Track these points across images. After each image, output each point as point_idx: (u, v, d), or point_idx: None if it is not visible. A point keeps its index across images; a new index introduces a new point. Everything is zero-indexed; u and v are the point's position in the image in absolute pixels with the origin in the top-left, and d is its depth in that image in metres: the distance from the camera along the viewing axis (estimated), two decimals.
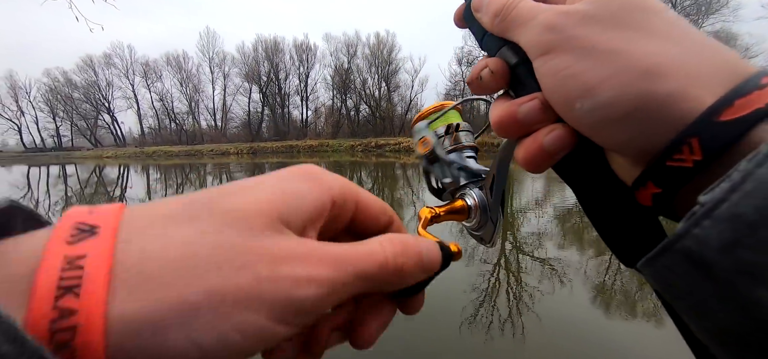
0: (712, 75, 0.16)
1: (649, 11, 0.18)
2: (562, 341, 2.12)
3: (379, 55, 31.31)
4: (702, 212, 0.14)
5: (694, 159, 0.15)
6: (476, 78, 0.22)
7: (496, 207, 0.29)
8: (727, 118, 0.15)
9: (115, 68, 37.17)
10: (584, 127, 0.18)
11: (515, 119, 0.20)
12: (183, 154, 27.89)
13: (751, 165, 0.13)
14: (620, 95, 0.16)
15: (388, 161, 16.00)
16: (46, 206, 7.76)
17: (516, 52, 0.21)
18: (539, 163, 0.20)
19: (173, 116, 38.42)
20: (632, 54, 0.16)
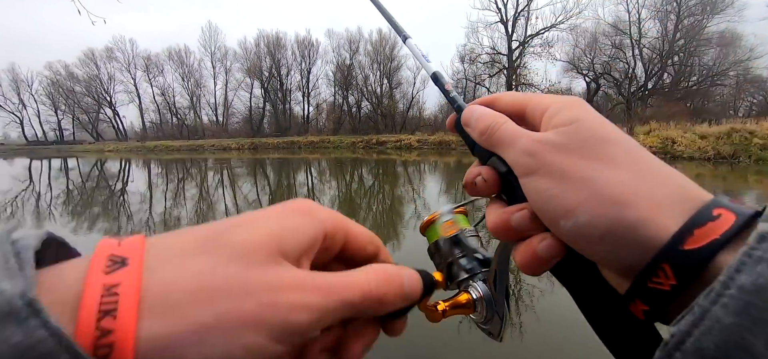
0: (670, 203, 0.18)
1: (610, 142, 0.20)
2: (560, 340, 2.12)
3: (381, 52, 31.18)
4: (672, 344, 0.16)
5: (671, 284, 0.17)
6: (471, 183, 0.25)
7: (501, 302, 0.30)
8: (690, 247, 0.17)
9: (117, 62, 37.15)
10: (570, 242, 0.20)
11: (509, 227, 0.22)
12: (184, 149, 27.91)
13: (706, 302, 0.15)
14: (594, 219, 0.19)
15: (390, 158, 15.98)
16: (48, 199, 7.79)
17: (504, 163, 0.24)
18: (535, 268, 0.22)
19: (175, 110, 38.41)
20: (600, 182, 0.19)
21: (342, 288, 0.18)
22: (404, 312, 0.23)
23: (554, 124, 0.21)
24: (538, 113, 0.23)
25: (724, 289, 0.15)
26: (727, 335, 0.14)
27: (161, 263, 0.16)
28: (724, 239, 0.17)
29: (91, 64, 36.43)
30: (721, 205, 0.18)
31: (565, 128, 0.21)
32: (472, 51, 26.43)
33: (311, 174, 11.85)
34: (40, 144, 40.06)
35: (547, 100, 0.23)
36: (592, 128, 0.21)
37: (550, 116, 0.22)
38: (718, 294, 0.15)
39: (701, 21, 22.17)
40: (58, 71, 36.67)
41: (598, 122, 0.21)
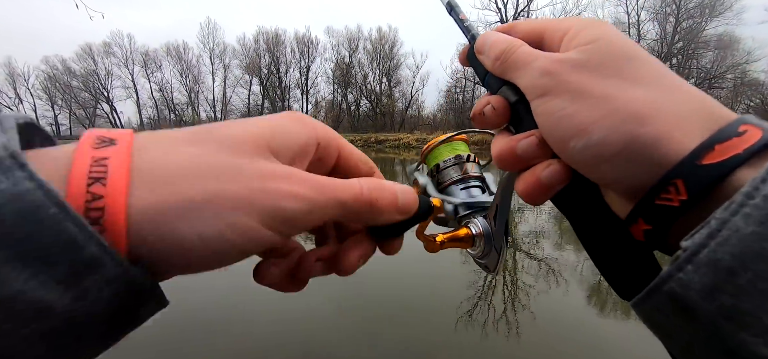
0: (692, 120, 0.17)
1: (634, 59, 0.19)
2: (556, 340, 2.13)
3: (380, 50, 31.19)
4: (684, 256, 0.15)
5: (680, 199, 0.16)
6: (479, 113, 0.24)
7: (500, 236, 0.30)
8: (709, 162, 0.16)
9: (115, 57, 36.95)
10: (578, 164, 0.20)
11: (514, 154, 0.22)
12: None
13: (726, 214, 0.14)
14: (609, 136, 0.18)
15: (388, 157, 15.97)
16: None
17: (515, 92, 0.23)
18: (537, 196, 0.21)
19: (173, 106, 38.28)
20: (620, 99, 0.18)
21: (334, 186, 0.19)
22: (399, 229, 0.23)
23: (575, 44, 0.20)
24: (558, 37, 0.22)
25: (747, 199, 0.14)
26: (747, 244, 0.14)
27: (151, 145, 0.16)
28: (746, 154, 0.16)
29: (89, 59, 36.29)
30: (748, 121, 0.17)
31: (587, 46, 0.20)
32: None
33: None
34: None
35: (567, 22, 0.22)
36: (614, 44, 0.20)
37: (571, 37, 0.21)
38: (740, 205, 0.14)
39: (700, 23, 22.28)
40: (55, 66, 36.50)
41: (621, 40, 0.20)
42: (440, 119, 28.25)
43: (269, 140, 0.18)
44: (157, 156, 0.16)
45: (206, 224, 0.15)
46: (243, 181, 0.16)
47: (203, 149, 0.17)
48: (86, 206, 0.14)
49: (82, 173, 0.14)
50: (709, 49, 22.47)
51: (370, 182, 0.20)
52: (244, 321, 2.22)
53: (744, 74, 22.27)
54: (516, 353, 2.02)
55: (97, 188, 0.14)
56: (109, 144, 0.15)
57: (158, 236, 0.15)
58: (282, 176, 0.18)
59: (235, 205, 0.16)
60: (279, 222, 0.17)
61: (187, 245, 0.15)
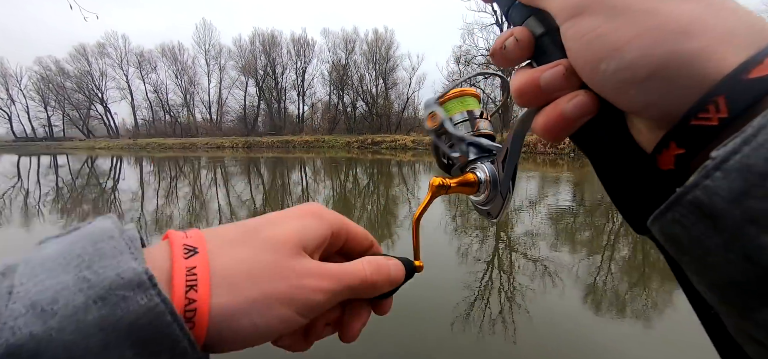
0: (739, 36, 0.16)
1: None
2: (552, 340, 2.14)
3: (377, 52, 31.20)
4: (713, 164, 0.14)
5: (719, 117, 0.15)
6: (500, 48, 0.23)
7: (507, 181, 0.29)
8: (756, 75, 0.15)
9: (109, 58, 36.67)
10: (608, 89, 0.18)
11: (537, 86, 0.20)
12: (177, 147, 27.61)
13: (765, 120, 0.13)
14: (646, 55, 0.16)
15: (384, 159, 15.97)
16: (37, 196, 7.65)
17: (542, 22, 0.22)
18: (559, 131, 0.20)
19: (168, 107, 38.03)
20: (661, 13, 0.17)
21: (346, 276, 0.24)
22: (390, 293, 0.28)
23: None
24: None
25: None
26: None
27: (218, 251, 0.21)
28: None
29: (83, 59, 35.98)
30: None
31: None
32: (467, 52, 26.52)
33: (306, 174, 11.80)
34: (28, 141, 39.30)
35: None
36: None
37: None
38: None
39: None
40: (49, 67, 36.14)
41: None
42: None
43: (301, 239, 0.23)
44: (225, 261, 0.21)
45: (261, 318, 0.20)
46: (286, 280, 0.21)
47: (255, 252, 0.21)
48: (185, 309, 0.18)
49: (181, 282, 0.19)
50: None
51: (371, 265, 0.26)
52: None
53: None
54: (512, 353, 2.02)
55: (192, 294, 0.19)
56: (194, 253, 0.20)
57: (226, 327, 0.19)
58: (312, 273, 0.22)
59: (281, 301, 0.21)
60: (308, 310, 0.22)
61: (244, 334, 0.20)
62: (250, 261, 0.21)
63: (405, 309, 2.42)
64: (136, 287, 0.17)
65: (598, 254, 3.49)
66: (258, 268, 0.21)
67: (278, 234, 0.23)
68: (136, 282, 0.17)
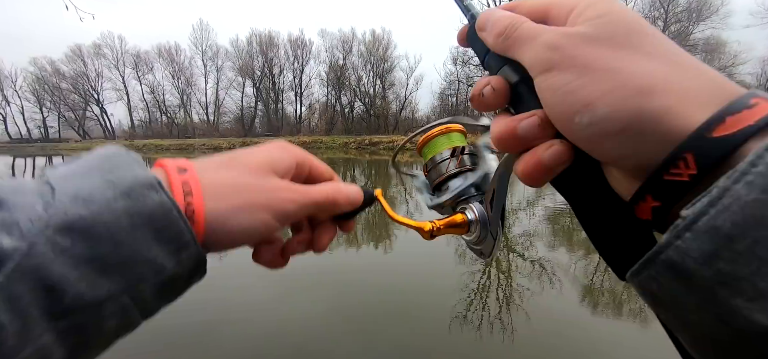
0: (701, 94, 0.17)
1: (643, 34, 0.19)
2: (550, 339, 2.15)
3: (374, 53, 31.16)
4: (683, 224, 0.15)
5: (690, 173, 0.16)
6: (478, 95, 0.24)
7: (496, 222, 0.30)
8: (719, 134, 0.16)
9: (105, 59, 36.36)
10: (583, 141, 0.19)
11: (515, 134, 0.22)
12: (174, 148, 27.48)
13: (729, 182, 0.14)
14: (616, 110, 0.18)
15: (382, 159, 15.96)
16: None
17: (517, 71, 0.23)
18: (538, 177, 0.21)
19: (164, 108, 37.79)
20: (628, 72, 0.18)
21: (312, 192, 0.29)
22: (352, 214, 0.33)
23: (584, 18, 0.20)
24: (565, 13, 0.22)
25: (751, 167, 0.14)
26: (748, 212, 0.14)
27: (205, 172, 0.25)
28: (757, 125, 0.15)
29: (78, 60, 35.71)
30: (759, 95, 0.16)
31: (596, 20, 0.20)
32: (464, 53, 26.53)
33: None
34: (24, 142, 38.98)
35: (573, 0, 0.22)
36: (624, 19, 0.19)
37: (579, 12, 0.21)
38: (743, 173, 0.14)
39: (687, 27, 22.70)
40: (44, 67, 35.80)
41: (631, 15, 0.20)
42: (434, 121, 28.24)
43: (271, 164, 0.28)
44: (212, 178, 0.25)
45: (245, 220, 0.25)
46: (263, 192, 0.26)
47: (236, 172, 0.26)
48: (186, 210, 0.23)
49: (179, 190, 0.23)
50: (696, 52, 22.84)
51: (332, 186, 0.31)
52: (239, 322, 2.20)
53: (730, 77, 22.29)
54: (510, 353, 2.03)
55: (189, 199, 0.23)
56: (185, 172, 0.24)
57: (219, 227, 0.24)
58: (283, 188, 0.28)
59: (261, 207, 0.26)
60: (282, 217, 0.27)
61: (234, 233, 0.25)
62: (232, 179, 0.26)
63: (402, 309, 2.42)
64: (149, 187, 0.21)
65: (595, 254, 3.51)
66: (239, 183, 0.26)
67: (253, 160, 0.27)
68: (149, 183, 0.21)
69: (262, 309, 2.34)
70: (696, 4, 22.20)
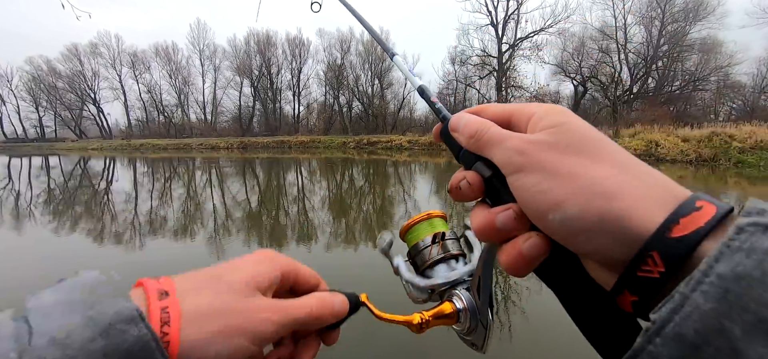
0: (653, 195, 0.20)
1: (596, 141, 0.22)
2: (548, 338, 2.15)
3: (372, 53, 31.13)
4: (653, 330, 0.17)
5: (659, 271, 0.18)
6: (456, 188, 0.26)
7: (485, 310, 0.29)
8: (677, 235, 0.18)
9: (102, 58, 36.20)
10: (557, 236, 0.21)
11: (494, 227, 0.24)
12: (171, 147, 27.39)
13: (687, 289, 0.16)
14: (583, 211, 0.20)
15: (380, 159, 15.97)
16: (28, 198, 7.54)
17: (489, 167, 0.25)
18: (521, 268, 0.23)
19: (161, 108, 37.67)
20: (588, 176, 0.21)
21: (293, 310, 0.28)
22: (336, 325, 0.32)
23: (542, 127, 0.23)
24: (524, 119, 0.25)
25: (704, 277, 0.16)
26: (706, 321, 0.15)
27: (186, 295, 0.25)
28: (707, 227, 0.18)
29: (75, 59, 35.53)
30: (702, 198, 0.19)
31: (553, 128, 0.23)
32: (462, 53, 26.61)
33: (301, 174, 11.76)
34: (19, 141, 38.71)
35: (531, 107, 0.25)
36: (578, 128, 0.22)
37: (537, 120, 0.24)
38: (698, 282, 0.16)
39: (684, 27, 22.79)
40: (40, 66, 35.61)
41: (582, 125, 0.23)
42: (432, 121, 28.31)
43: (256, 282, 0.27)
44: (192, 302, 0.24)
45: (222, 347, 0.24)
46: (242, 315, 0.25)
47: (217, 295, 0.26)
48: (161, 340, 0.22)
49: (157, 319, 0.23)
50: (693, 52, 23.00)
51: (316, 301, 0.30)
52: None
53: (727, 77, 22.86)
54: (508, 351, 2.03)
55: (166, 329, 0.22)
56: (166, 296, 0.24)
57: (194, 355, 0.23)
58: (264, 308, 0.27)
59: (238, 332, 0.25)
60: (260, 339, 0.26)
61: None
62: (212, 303, 0.25)
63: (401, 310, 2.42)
64: (130, 321, 0.21)
65: None
66: (219, 307, 0.25)
67: (236, 279, 0.27)
68: (130, 317, 0.21)
69: None
70: (693, 4, 22.28)
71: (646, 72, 24.34)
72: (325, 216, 5.89)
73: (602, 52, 24.39)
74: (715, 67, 22.60)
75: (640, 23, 24.09)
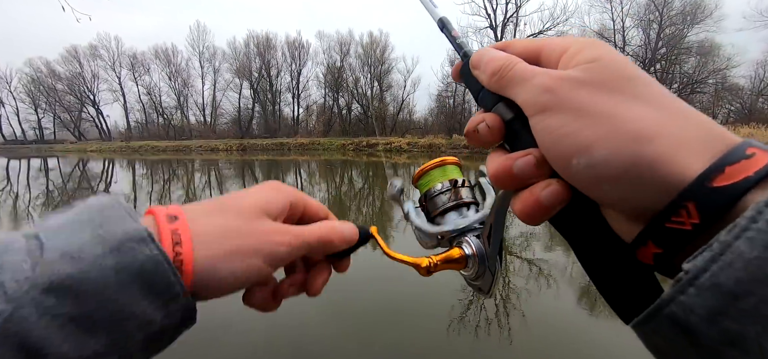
0: (696, 141, 0.17)
1: (635, 79, 0.19)
2: (547, 340, 2.15)
3: (372, 55, 31.15)
4: (686, 279, 0.15)
5: (692, 223, 0.16)
6: (473, 131, 0.24)
7: (494, 257, 0.29)
8: (720, 184, 0.16)
9: (101, 60, 36.14)
10: (581, 183, 0.19)
11: (511, 173, 0.22)
12: (170, 149, 27.36)
13: (730, 237, 0.14)
14: (613, 155, 0.18)
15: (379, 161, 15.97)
16: (27, 200, 7.52)
17: (511, 108, 0.23)
18: (536, 216, 0.21)
19: (161, 110, 37.61)
20: (622, 117, 0.18)
21: (304, 233, 0.28)
22: (347, 253, 0.32)
23: (575, 62, 0.20)
24: (556, 55, 0.22)
25: (751, 223, 0.14)
26: (751, 270, 0.14)
27: (196, 218, 0.25)
28: (757, 176, 0.15)
29: (74, 61, 35.47)
30: (754, 145, 0.17)
31: (588, 64, 0.20)
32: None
33: (301, 176, 11.75)
34: (19, 143, 38.66)
35: (566, 41, 0.22)
36: (616, 64, 0.20)
37: (571, 56, 0.21)
38: (744, 229, 0.14)
39: (682, 30, 22.85)
40: (39, 68, 35.56)
41: (622, 60, 0.20)
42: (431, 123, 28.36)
43: (263, 206, 0.28)
44: (202, 225, 0.25)
45: (236, 266, 0.25)
46: (253, 236, 0.26)
47: (227, 217, 0.26)
48: (174, 259, 0.22)
49: (169, 240, 0.23)
50: (691, 55, 23.06)
51: (326, 226, 0.30)
52: (236, 325, 2.19)
53: (724, 79, 22.93)
54: (507, 354, 2.03)
55: (178, 249, 0.23)
56: (175, 220, 0.24)
57: (209, 275, 0.24)
58: (274, 231, 0.27)
59: (251, 253, 0.25)
60: (274, 261, 0.27)
61: (224, 281, 0.25)
62: (222, 225, 0.25)
63: (399, 312, 2.42)
64: (140, 241, 0.21)
65: None
66: (230, 229, 0.25)
67: (244, 204, 0.27)
68: (140, 237, 0.21)
69: (257, 315, 2.33)
70: (690, 7, 22.37)
71: None
72: None
73: None
74: (713, 70, 22.67)
75: (638, 26, 24.19)
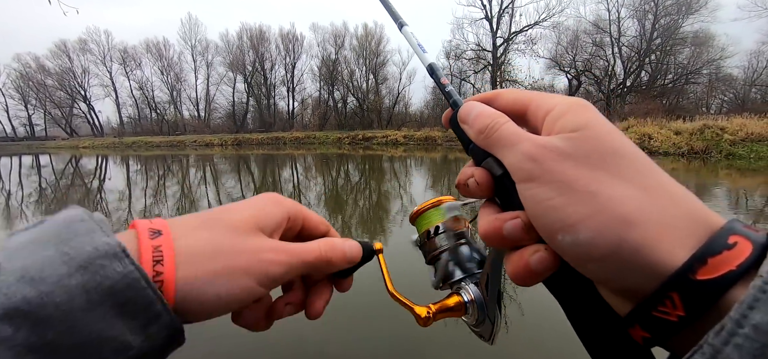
0: (680, 226, 0.17)
1: (619, 154, 0.19)
2: (544, 333, 2.17)
3: (367, 47, 30.96)
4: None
5: (678, 314, 0.16)
6: (463, 184, 0.25)
7: (493, 306, 0.29)
8: (703, 277, 0.16)
9: (92, 55, 35.58)
10: (567, 257, 0.19)
11: (501, 235, 0.22)
12: (164, 145, 27.10)
13: (718, 341, 0.14)
14: (598, 237, 0.18)
15: (375, 154, 15.95)
16: (19, 197, 7.43)
17: (500, 165, 0.23)
18: (527, 280, 0.21)
19: (154, 105, 37.19)
20: (605, 197, 0.18)
21: (302, 251, 0.26)
22: (349, 272, 0.31)
23: (559, 127, 0.20)
24: (541, 114, 0.22)
25: (737, 328, 0.14)
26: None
27: (182, 234, 0.23)
28: (740, 270, 0.15)
29: (64, 56, 34.87)
30: (737, 231, 0.17)
31: (572, 134, 0.20)
32: (457, 47, 26.54)
33: (297, 170, 11.71)
34: (9, 140, 38.13)
35: (551, 100, 0.22)
36: (600, 136, 0.19)
37: (555, 118, 0.21)
38: (731, 334, 0.14)
39: (677, 21, 22.92)
40: (28, 64, 34.93)
41: (606, 130, 0.20)
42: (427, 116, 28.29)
43: (257, 221, 0.26)
44: (188, 242, 0.23)
45: (222, 287, 0.23)
46: (244, 255, 0.24)
47: (216, 234, 0.24)
48: (154, 279, 0.21)
49: (149, 258, 0.21)
50: (685, 45, 23.16)
51: (326, 244, 0.28)
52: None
53: (718, 70, 23.11)
54: (504, 347, 2.04)
55: (159, 268, 0.21)
56: (158, 235, 0.22)
57: (193, 297, 0.22)
58: (268, 248, 0.25)
59: (241, 273, 0.23)
60: (267, 280, 0.25)
61: (209, 302, 0.22)
62: (210, 241, 0.23)
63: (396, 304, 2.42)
64: (111, 257, 0.19)
65: None
66: (218, 246, 0.23)
67: (235, 218, 0.25)
68: (111, 253, 0.19)
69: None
70: None
71: (639, 65, 24.48)
72: (320, 212, 5.84)
73: (596, 45, 24.51)
74: (707, 60, 22.81)
75: (633, 17, 24.22)
